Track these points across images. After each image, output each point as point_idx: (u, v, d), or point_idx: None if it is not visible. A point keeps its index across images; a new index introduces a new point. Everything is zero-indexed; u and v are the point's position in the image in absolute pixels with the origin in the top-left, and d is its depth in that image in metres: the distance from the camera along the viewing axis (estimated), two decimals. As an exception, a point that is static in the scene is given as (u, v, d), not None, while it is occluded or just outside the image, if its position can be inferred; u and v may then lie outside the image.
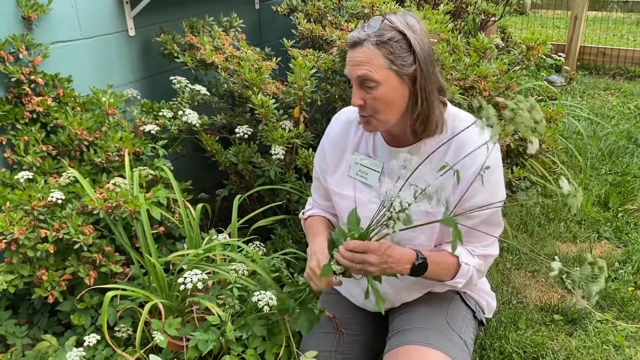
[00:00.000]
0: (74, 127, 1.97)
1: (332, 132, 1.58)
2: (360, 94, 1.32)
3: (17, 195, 1.78)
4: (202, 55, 2.33)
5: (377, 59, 1.28)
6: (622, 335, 2.14)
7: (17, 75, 1.92)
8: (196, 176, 2.52)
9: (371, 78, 1.29)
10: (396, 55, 1.28)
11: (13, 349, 1.82)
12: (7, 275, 1.72)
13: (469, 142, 1.35)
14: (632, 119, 4.27)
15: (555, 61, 4.02)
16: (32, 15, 1.97)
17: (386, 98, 1.31)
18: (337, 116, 1.61)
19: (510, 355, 2.05)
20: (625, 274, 2.49)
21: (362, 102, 1.33)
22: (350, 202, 1.50)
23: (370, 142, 1.50)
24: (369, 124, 1.38)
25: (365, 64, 1.28)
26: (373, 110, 1.33)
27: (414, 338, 1.44)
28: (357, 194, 1.50)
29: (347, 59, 1.33)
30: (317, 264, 1.39)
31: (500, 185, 1.42)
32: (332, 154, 1.56)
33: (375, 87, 1.30)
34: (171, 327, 1.70)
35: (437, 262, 1.40)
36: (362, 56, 1.29)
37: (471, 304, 1.60)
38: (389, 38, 1.28)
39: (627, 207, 3.05)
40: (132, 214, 1.82)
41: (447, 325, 1.49)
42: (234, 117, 2.43)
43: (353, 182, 1.51)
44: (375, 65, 1.28)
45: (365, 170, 1.49)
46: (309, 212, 1.70)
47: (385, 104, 1.32)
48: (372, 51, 1.28)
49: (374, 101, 1.32)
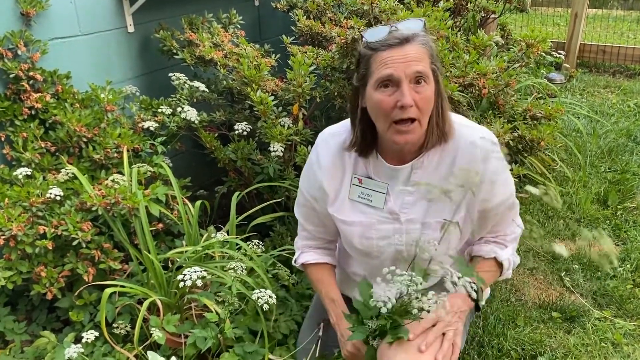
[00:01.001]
0: (72, 123, 1.97)
1: (324, 159, 1.45)
2: (412, 94, 1.24)
3: (16, 191, 1.78)
4: (201, 51, 2.32)
5: (426, 57, 1.27)
6: (620, 333, 2.14)
7: (15, 72, 1.92)
8: (195, 173, 2.52)
9: (426, 74, 1.25)
10: (434, 56, 1.29)
11: (12, 345, 1.82)
12: (6, 272, 1.72)
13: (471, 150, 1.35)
14: (631, 117, 4.27)
15: (555, 59, 4.01)
16: (31, 11, 1.96)
17: (431, 98, 1.28)
18: (323, 141, 1.48)
19: (508, 353, 2.05)
20: (624, 272, 2.49)
21: (413, 102, 1.24)
22: (359, 227, 1.45)
23: (368, 163, 1.44)
24: (410, 133, 1.28)
25: (421, 61, 1.25)
26: (420, 112, 1.26)
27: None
28: (364, 218, 1.45)
29: (387, 60, 1.24)
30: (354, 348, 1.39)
31: (509, 177, 1.44)
32: (330, 183, 1.45)
33: (425, 86, 1.26)
34: (169, 324, 1.71)
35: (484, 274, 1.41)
36: (415, 53, 1.25)
37: None
38: (429, 39, 1.29)
39: (627, 205, 3.05)
40: (130, 211, 1.82)
41: None
42: (233, 114, 2.43)
43: (358, 206, 1.46)
44: (426, 62, 1.26)
45: (368, 192, 1.43)
46: (306, 259, 1.61)
47: (431, 104, 1.29)
48: (422, 49, 1.26)
49: (423, 101, 1.26)
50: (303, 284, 2.13)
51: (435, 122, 1.33)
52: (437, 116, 1.33)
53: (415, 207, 1.41)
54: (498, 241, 1.50)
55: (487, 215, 1.41)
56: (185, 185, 2.21)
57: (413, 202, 1.41)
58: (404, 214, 1.42)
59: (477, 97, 2.28)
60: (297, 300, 2.05)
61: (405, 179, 1.41)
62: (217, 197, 2.47)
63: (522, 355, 2.05)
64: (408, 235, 1.42)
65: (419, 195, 1.41)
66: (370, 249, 1.46)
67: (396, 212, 1.42)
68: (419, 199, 1.41)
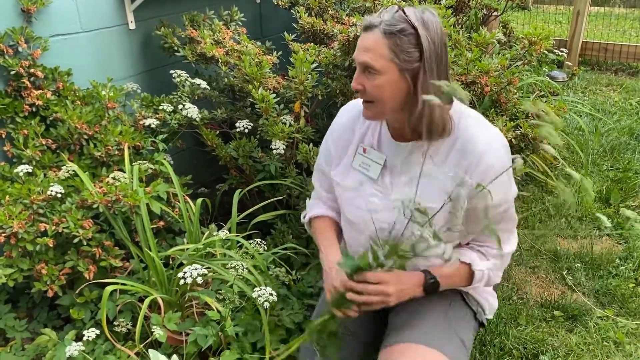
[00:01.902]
0: (73, 120, 1.96)
1: (339, 121, 1.57)
2: (361, 79, 1.32)
3: (17, 189, 1.77)
4: (202, 49, 2.31)
5: (382, 49, 1.27)
6: (622, 331, 2.14)
7: (16, 69, 1.91)
8: (196, 170, 2.51)
9: (372, 66, 1.28)
10: (401, 49, 1.26)
11: (12, 343, 1.82)
12: (7, 269, 1.72)
13: (472, 142, 1.33)
14: (633, 115, 4.25)
15: (557, 57, 4.00)
16: (32, 8, 1.95)
17: (385, 89, 1.30)
18: (345, 106, 1.60)
19: (510, 352, 2.05)
20: (626, 271, 2.49)
21: (361, 87, 1.32)
22: (352, 193, 1.49)
23: (376, 134, 1.48)
24: (368, 110, 1.37)
25: (370, 51, 1.28)
26: (371, 97, 1.33)
27: (411, 336, 1.42)
28: (358, 186, 1.48)
29: (358, 42, 1.33)
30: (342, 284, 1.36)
31: (510, 182, 1.39)
32: (338, 144, 1.54)
33: (375, 76, 1.29)
34: (170, 322, 1.70)
35: (450, 276, 1.42)
36: (369, 43, 1.29)
37: (472, 305, 1.58)
38: (399, 30, 1.26)
39: (629, 204, 3.04)
40: (131, 208, 1.81)
41: (445, 324, 1.47)
42: (235, 111, 2.42)
43: (356, 174, 1.49)
44: (379, 54, 1.27)
45: (368, 162, 1.47)
46: (313, 212, 1.65)
47: (383, 94, 1.31)
48: (379, 39, 1.27)
49: (373, 89, 1.31)
50: (304, 282, 2.12)
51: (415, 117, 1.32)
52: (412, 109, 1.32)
53: (407, 188, 1.41)
54: (481, 251, 1.46)
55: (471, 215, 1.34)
56: (187, 183, 2.21)
57: (406, 182, 1.41)
58: (394, 193, 1.42)
59: (479, 95, 2.28)
60: (299, 298, 2.04)
61: (404, 157, 1.41)
62: (218, 194, 2.46)
63: (524, 354, 2.05)
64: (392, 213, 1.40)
65: (412, 177, 1.41)
66: (358, 219, 1.48)
67: (388, 187, 1.44)
68: (413, 180, 1.40)
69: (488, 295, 1.64)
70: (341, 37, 2.18)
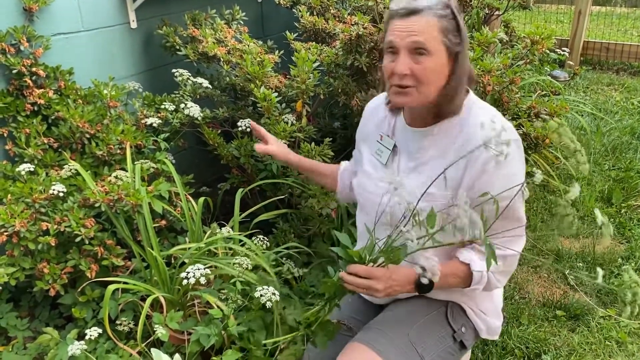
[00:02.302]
0: (75, 119, 1.96)
1: (369, 105, 1.62)
2: (408, 63, 1.30)
3: (19, 187, 1.77)
4: (204, 48, 2.31)
5: (434, 31, 1.28)
6: (625, 331, 2.13)
7: (18, 67, 1.91)
8: (198, 170, 2.51)
9: (425, 47, 1.28)
10: (449, 31, 1.30)
11: (14, 342, 1.82)
12: (9, 268, 1.72)
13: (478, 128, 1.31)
14: (635, 115, 4.25)
15: (559, 56, 3.99)
16: (34, 6, 1.95)
17: (435, 70, 1.30)
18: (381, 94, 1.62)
19: (512, 351, 2.05)
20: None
21: (408, 70, 1.30)
22: (364, 178, 1.53)
23: (392, 121, 1.51)
24: (408, 95, 1.33)
25: (422, 33, 1.28)
26: (418, 81, 1.31)
27: (365, 337, 1.41)
28: (371, 170, 1.52)
29: (393, 28, 1.31)
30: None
31: (517, 178, 1.32)
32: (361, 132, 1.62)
33: (426, 57, 1.29)
34: (173, 321, 1.70)
35: (446, 274, 1.35)
36: (419, 25, 1.28)
37: (455, 323, 1.49)
38: (445, 15, 1.29)
39: (631, 203, 3.04)
40: (133, 207, 1.81)
41: (405, 336, 1.41)
42: (236, 110, 2.42)
43: (371, 159, 1.54)
44: (431, 36, 1.28)
45: (382, 148, 1.50)
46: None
47: (433, 76, 1.31)
48: (431, 21, 1.28)
49: (422, 71, 1.30)
50: (306, 281, 2.12)
51: (442, 97, 1.34)
52: (443, 91, 1.34)
53: (412, 174, 1.42)
54: (482, 251, 1.38)
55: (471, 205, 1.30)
56: (188, 182, 2.21)
57: (412, 168, 1.43)
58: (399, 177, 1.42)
59: (481, 94, 2.27)
60: (301, 297, 2.04)
61: (417, 143, 1.42)
62: (220, 193, 2.46)
63: (526, 354, 2.05)
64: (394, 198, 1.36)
65: (419, 163, 1.41)
66: (366, 202, 1.51)
67: (396, 172, 1.46)
68: (419, 166, 1.41)
69: (487, 317, 1.56)
70: (343, 36, 2.17)
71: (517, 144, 1.35)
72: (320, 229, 2.28)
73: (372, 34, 2.13)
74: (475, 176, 1.31)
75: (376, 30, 2.14)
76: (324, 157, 2.15)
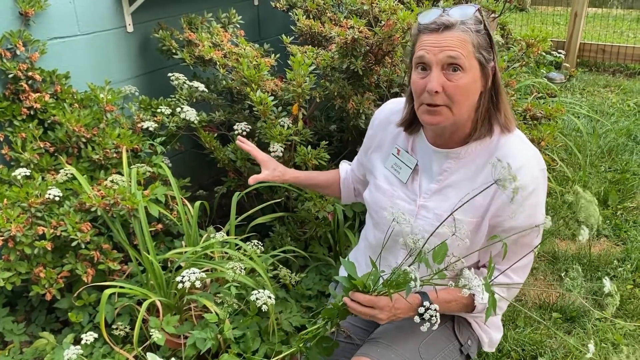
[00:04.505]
0: (71, 123, 1.96)
1: (380, 114, 1.56)
2: (441, 80, 1.24)
3: (15, 192, 1.77)
4: (200, 51, 2.31)
5: (468, 46, 1.23)
6: (620, 333, 2.14)
7: (14, 72, 1.91)
8: (194, 173, 2.51)
9: (460, 63, 1.23)
10: (482, 47, 1.26)
11: (11, 346, 1.82)
12: (5, 273, 1.72)
13: (510, 157, 1.24)
14: (631, 117, 4.27)
15: (555, 58, 4.01)
16: (30, 11, 1.95)
17: (468, 88, 1.25)
18: (391, 101, 1.57)
19: (508, 353, 2.05)
20: (624, 272, 2.49)
21: (441, 88, 1.24)
22: (379, 194, 1.47)
23: (411, 137, 1.45)
24: (439, 115, 1.27)
25: (457, 48, 1.22)
26: (450, 100, 1.25)
27: (371, 351, 1.39)
28: (387, 187, 1.46)
29: (424, 43, 1.26)
30: None
31: (540, 208, 1.33)
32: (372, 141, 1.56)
33: (460, 74, 1.24)
34: (169, 325, 1.70)
35: (448, 301, 1.36)
36: (453, 40, 1.23)
37: (462, 337, 1.50)
38: (478, 30, 1.25)
39: (627, 205, 3.05)
40: (130, 211, 1.81)
41: (415, 350, 1.41)
42: (233, 114, 2.42)
43: (386, 175, 1.48)
44: (466, 51, 1.23)
45: (400, 164, 1.44)
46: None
47: (466, 94, 1.26)
48: (465, 36, 1.23)
49: (455, 89, 1.24)
50: (303, 285, 2.13)
51: (482, 114, 1.31)
52: (486, 109, 1.31)
53: (436, 196, 1.38)
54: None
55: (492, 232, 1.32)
56: (185, 186, 2.21)
57: (436, 190, 1.38)
58: (422, 199, 1.39)
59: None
60: (297, 301, 2.05)
61: (439, 163, 1.38)
62: (217, 197, 2.46)
63: (522, 356, 2.05)
64: (417, 221, 1.38)
65: (444, 186, 1.37)
66: (382, 220, 1.45)
67: (416, 192, 1.41)
68: (443, 189, 1.37)
69: (490, 330, 1.56)
70: (339, 40, 2.18)
71: (543, 173, 1.34)
72: (316, 232, 2.29)
73: (367, 38, 2.14)
74: (503, 204, 1.29)
75: (372, 33, 2.14)
76: (320, 160, 2.15)
